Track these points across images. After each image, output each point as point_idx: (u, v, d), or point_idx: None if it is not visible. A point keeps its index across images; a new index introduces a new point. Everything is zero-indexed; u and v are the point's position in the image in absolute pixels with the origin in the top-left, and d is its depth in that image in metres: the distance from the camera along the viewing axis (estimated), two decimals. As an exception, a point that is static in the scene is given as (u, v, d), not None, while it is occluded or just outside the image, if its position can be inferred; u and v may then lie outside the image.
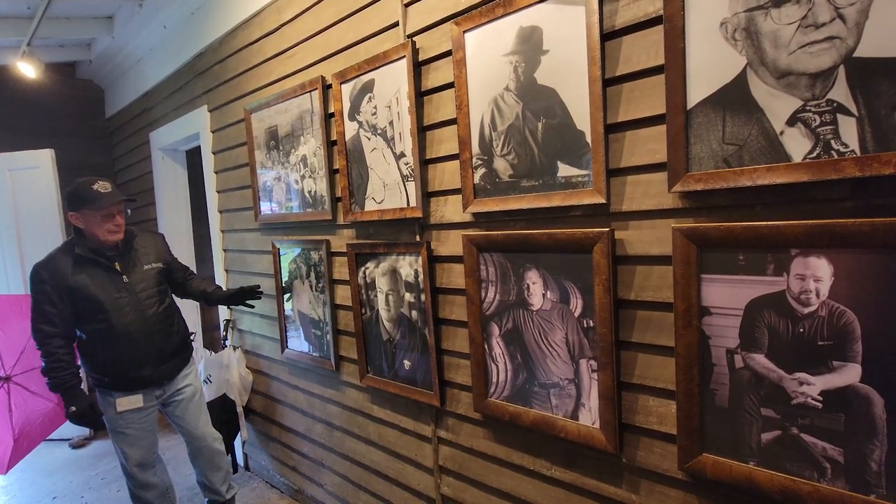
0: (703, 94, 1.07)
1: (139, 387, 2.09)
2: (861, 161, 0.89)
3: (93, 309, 1.97)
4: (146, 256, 2.16)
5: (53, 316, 1.94)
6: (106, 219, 1.97)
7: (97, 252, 2.00)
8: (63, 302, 1.94)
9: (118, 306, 2.01)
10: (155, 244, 2.25)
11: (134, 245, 2.14)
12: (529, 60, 1.36)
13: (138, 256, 2.13)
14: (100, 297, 1.97)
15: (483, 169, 1.50)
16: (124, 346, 2.02)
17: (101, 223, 1.97)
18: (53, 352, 1.95)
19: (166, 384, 2.18)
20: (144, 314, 2.07)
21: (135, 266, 2.10)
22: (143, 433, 2.14)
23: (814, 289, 0.97)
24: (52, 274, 1.94)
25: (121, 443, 2.11)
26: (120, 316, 2.01)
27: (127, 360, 2.04)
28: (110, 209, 1.97)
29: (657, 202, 1.17)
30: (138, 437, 2.12)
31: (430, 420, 1.83)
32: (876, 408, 0.92)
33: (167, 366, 2.16)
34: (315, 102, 2.08)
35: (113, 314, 1.99)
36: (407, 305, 1.83)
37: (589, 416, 1.34)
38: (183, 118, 3.15)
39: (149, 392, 2.13)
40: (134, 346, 2.04)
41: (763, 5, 0.98)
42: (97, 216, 1.95)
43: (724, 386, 1.10)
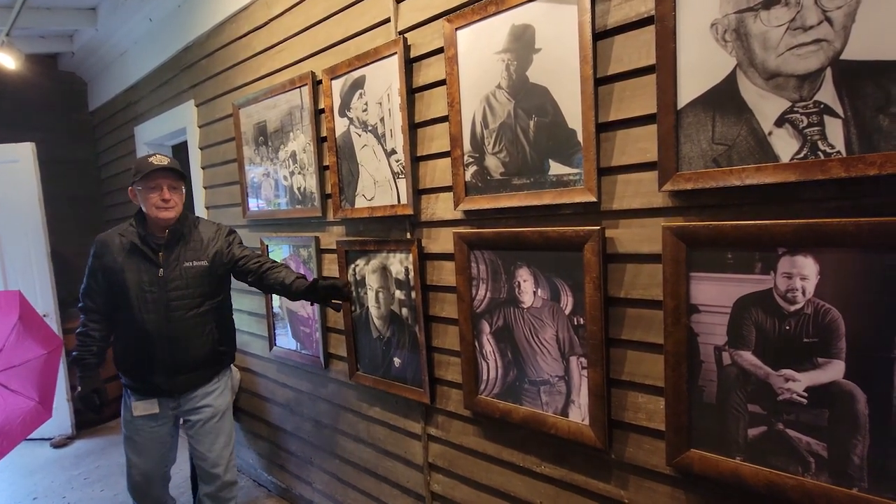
0: (693, 95, 1.08)
1: (151, 393, 1.92)
2: (847, 162, 0.91)
3: (121, 297, 1.86)
4: (194, 252, 1.92)
5: (94, 292, 1.89)
6: (153, 192, 1.82)
7: (143, 238, 1.86)
8: (103, 280, 1.87)
9: (144, 300, 1.85)
10: (214, 238, 1.99)
11: (187, 237, 1.93)
12: (521, 59, 1.36)
13: (186, 250, 1.91)
14: (129, 285, 1.84)
15: (474, 167, 1.50)
16: (140, 345, 1.87)
17: (149, 197, 1.82)
18: (86, 324, 1.90)
19: (181, 398, 1.97)
20: (169, 315, 1.87)
21: (177, 260, 1.89)
22: (153, 444, 1.96)
23: (800, 287, 0.99)
24: (101, 249, 1.88)
25: (128, 448, 1.97)
26: (142, 311, 1.85)
27: (141, 360, 1.89)
28: (158, 181, 1.82)
29: (647, 201, 1.18)
30: (146, 446, 1.96)
31: (420, 417, 1.83)
32: (859, 404, 0.94)
33: (183, 378, 1.93)
34: (305, 98, 2.06)
35: (137, 307, 1.85)
36: (397, 303, 1.82)
37: (579, 413, 1.35)
38: (169, 113, 3.10)
39: (163, 402, 1.95)
40: (150, 347, 1.86)
41: (753, 7, 1.00)
42: (146, 188, 1.82)
43: (712, 383, 1.12)
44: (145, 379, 1.90)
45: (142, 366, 1.89)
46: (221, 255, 1.97)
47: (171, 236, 1.89)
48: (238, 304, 2.75)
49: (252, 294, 2.62)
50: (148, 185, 1.82)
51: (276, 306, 2.47)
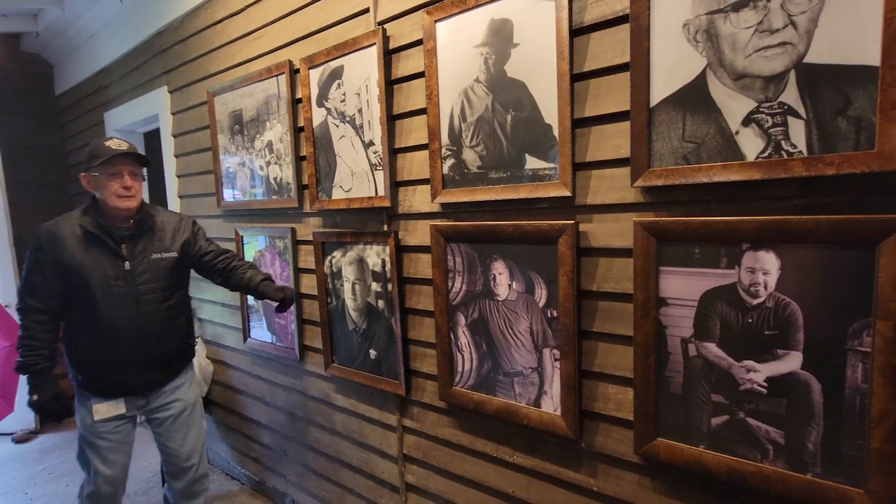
0: (665, 93, 1.11)
1: (119, 393, 1.80)
2: (807, 161, 0.95)
3: (82, 292, 1.70)
4: (161, 243, 1.83)
5: (40, 289, 1.69)
6: (113, 179, 1.69)
7: (104, 230, 1.72)
8: (55, 276, 1.69)
9: (110, 295, 1.72)
10: (179, 228, 1.90)
11: (151, 227, 1.82)
12: (500, 53, 1.37)
13: (152, 241, 1.81)
14: (92, 280, 1.69)
15: (452, 159, 1.50)
16: (108, 343, 1.74)
17: (108, 184, 1.69)
18: (30, 326, 1.69)
19: (151, 395, 1.87)
20: (140, 310, 1.77)
21: (144, 252, 1.78)
22: (120, 445, 1.84)
23: (762, 281, 1.02)
24: (50, 242, 1.69)
25: (93, 456, 1.80)
26: (110, 307, 1.72)
27: (109, 359, 1.75)
28: (118, 167, 1.69)
29: (620, 196, 1.21)
30: (113, 450, 1.82)
31: (396, 409, 1.84)
32: (814, 393, 0.99)
33: (156, 374, 1.85)
34: (282, 87, 2.03)
35: (102, 303, 1.71)
36: (374, 295, 1.82)
37: (551, 404, 1.38)
38: (141, 99, 3.01)
39: (130, 401, 1.83)
40: (119, 344, 1.74)
41: (723, 9, 1.02)
42: (104, 175, 1.69)
43: (679, 373, 1.15)
44: (113, 378, 1.78)
45: (110, 365, 1.76)
46: (189, 246, 1.90)
47: (136, 227, 1.78)
48: (211, 296, 2.71)
49: (226, 285, 2.58)
50: (107, 171, 1.69)
51: (250, 298, 2.43)
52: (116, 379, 1.79)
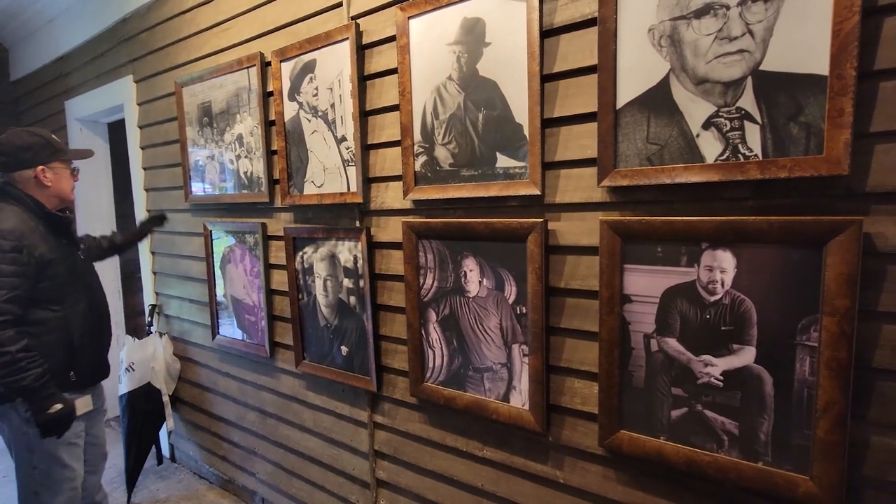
0: (631, 95, 1.14)
1: (100, 378, 1.87)
2: (762, 165, 0.99)
3: (66, 286, 1.70)
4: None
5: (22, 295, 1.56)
6: (73, 175, 1.80)
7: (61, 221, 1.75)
8: (33, 278, 1.59)
9: (86, 283, 1.80)
10: None
11: None
12: (472, 52, 1.38)
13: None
14: (70, 272, 1.73)
15: (424, 157, 1.51)
16: (100, 329, 1.84)
17: (69, 178, 1.78)
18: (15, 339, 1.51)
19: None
20: (101, 293, 1.89)
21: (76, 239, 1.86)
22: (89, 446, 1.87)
23: (720, 279, 1.07)
24: (25, 241, 1.58)
25: (69, 458, 1.73)
26: (91, 294, 1.81)
27: (101, 343, 1.86)
28: (72, 162, 1.81)
29: (587, 195, 1.24)
30: (84, 450, 1.82)
31: (367, 405, 1.84)
32: (766, 385, 1.04)
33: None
34: (253, 79, 2.00)
35: (84, 291, 1.78)
36: (345, 291, 1.81)
37: (519, 399, 1.40)
38: (105, 87, 2.91)
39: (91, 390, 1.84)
40: (101, 332, 1.85)
41: (686, 16, 1.06)
42: (67, 169, 1.77)
43: (641, 368, 1.19)
44: (96, 369, 1.84)
45: (96, 355, 1.83)
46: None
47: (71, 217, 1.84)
48: (178, 292, 2.65)
49: (194, 281, 2.53)
50: (68, 165, 1.78)
51: (219, 294, 2.39)
52: (97, 369, 1.85)
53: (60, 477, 1.72)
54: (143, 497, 2.61)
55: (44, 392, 1.56)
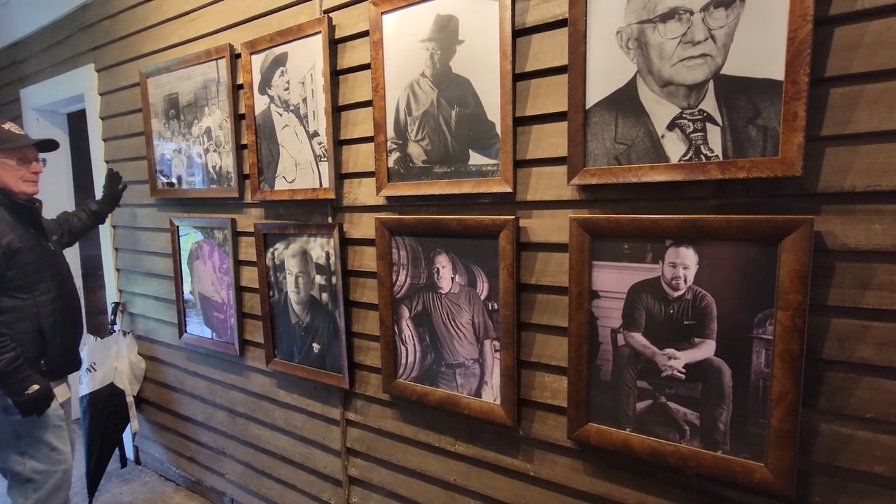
0: (600, 96, 1.17)
1: (72, 370, 1.89)
2: (723, 165, 1.03)
3: (37, 274, 1.73)
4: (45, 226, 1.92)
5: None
6: (22, 164, 1.73)
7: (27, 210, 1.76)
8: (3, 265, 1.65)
9: (58, 271, 1.82)
10: None
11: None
12: (445, 49, 1.38)
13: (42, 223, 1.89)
14: (41, 260, 1.75)
15: (397, 153, 1.51)
16: (71, 318, 1.85)
17: (17, 169, 1.72)
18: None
19: None
20: (71, 282, 1.90)
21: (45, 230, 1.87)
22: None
23: (682, 275, 1.11)
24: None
25: (59, 442, 1.81)
26: (62, 283, 1.82)
27: (73, 334, 1.87)
28: (25, 152, 1.74)
29: (558, 193, 1.26)
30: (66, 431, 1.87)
31: (339, 403, 1.83)
32: (725, 377, 1.08)
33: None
34: (222, 72, 1.95)
35: (56, 279, 1.79)
36: (317, 288, 1.80)
37: (491, 394, 1.42)
38: (64, 76, 2.79)
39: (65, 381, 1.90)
40: (74, 319, 1.87)
41: (652, 19, 1.09)
42: (11, 160, 1.70)
43: (608, 362, 1.22)
44: (67, 360, 1.85)
45: (66, 345, 1.83)
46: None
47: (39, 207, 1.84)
48: (143, 289, 2.58)
49: (160, 278, 2.46)
50: (18, 156, 1.72)
51: (187, 292, 2.33)
52: (72, 357, 1.88)
53: (51, 460, 1.78)
54: (105, 501, 2.53)
55: (19, 375, 1.63)
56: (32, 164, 1.76)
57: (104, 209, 2.26)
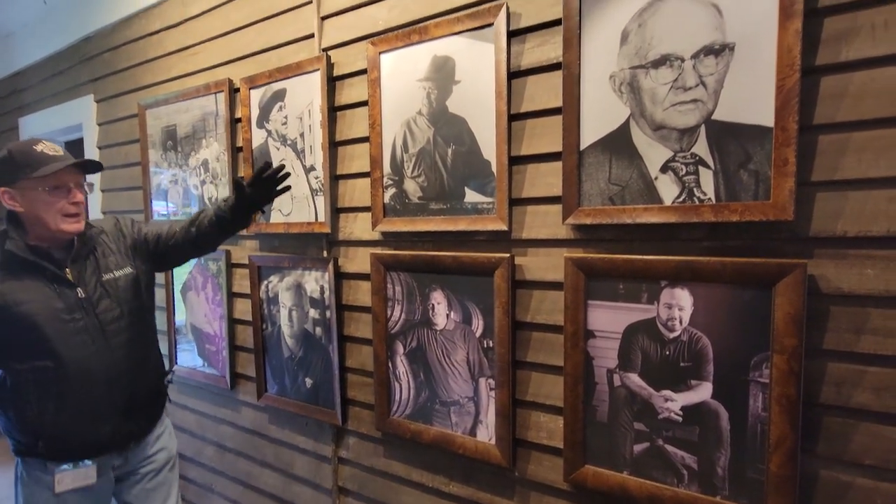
0: (594, 138, 1.19)
1: (93, 453, 1.40)
2: (716, 208, 1.04)
3: (29, 338, 1.30)
4: (109, 258, 1.45)
5: None
6: (57, 193, 1.31)
7: (39, 252, 1.33)
8: None
9: (69, 333, 1.33)
10: (117, 232, 1.52)
11: (92, 241, 1.44)
12: (442, 88, 1.41)
13: (100, 259, 1.43)
14: (38, 318, 1.29)
15: (393, 189, 1.52)
16: (78, 394, 1.35)
17: (52, 201, 1.30)
18: None
19: (132, 448, 1.49)
20: (109, 344, 1.40)
21: (95, 273, 1.41)
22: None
23: (678, 316, 1.10)
24: None
25: None
26: (72, 348, 1.33)
27: (79, 414, 1.36)
28: (62, 177, 1.31)
29: (553, 232, 1.27)
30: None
31: (331, 440, 1.79)
32: (722, 420, 1.07)
33: (137, 421, 1.48)
34: (221, 105, 1.97)
35: (60, 344, 1.32)
36: (311, 322, 1.78)
37: (486, 433, 1.40)
38: (63, 106, 2.82)
39: (105, 462, 1.44)
40: (91, 392, 1.36)
41: (644, 65, 1.12)
42: (43, 189, 1.29)
43: (605, 402, 1.21)
44: (88, 436, 1.39)
45: (80, 421, 1.37)
46: (139, 248, 1.52)
47: (81, 245, 1.40)
48: (135, 319, 2.53)
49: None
50: (49, 184, 1.30)
51: (179, 321, 2.30)
52: (92, 437, 1.39)
53: None
54: (86, 540, 2.43)
55: None
56: (72, 193, 1.34)
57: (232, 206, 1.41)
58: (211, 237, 1.48)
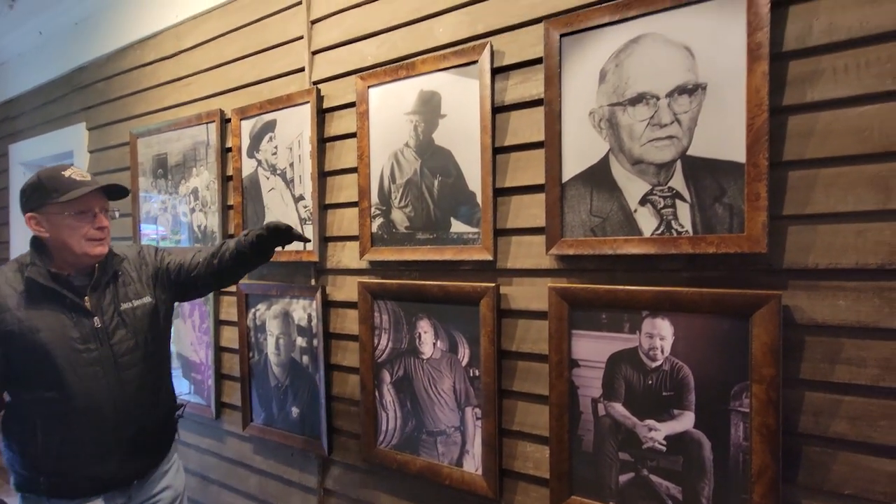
0: (575, 171, 1.22)
1: (98, 490, 1.34)
2: (693, 240, 1.07)
3: (40, 367, 1.26)
4: (129, 288, 1.42)
5: None
6: (82, 218, 1.30)
7: (60, 280, 1.30)
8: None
9: (80, 363, 1.29)
10: (141, 262, 1.48)
11: (114, 268, 1.41)
12: (428, 122, 1.45)
13: (120, 287, 1.41)
14: (52, 347, 1.26)
15: (381, 218, 1.54)
16: (84, 428, 1.30)
17: (77, 225, 1.29)
18: None
19: (136, 486, 1.42)
20: (121, 376, 1.35)
21: (113, 304, 1.38)
22: None
23: (659, 346, 1.12)
24: None
25: None
26: (82, 380, 1.29)
27: (84, 449, 1.31)
28: (88, 202, 1.31)
29: (537, 262, 1.29)
30: None
31: (317, 470, 1.76)
32: (705, 450, 1.08)
33: (143, 458, 1.42)
34: (212, 135, 2.00)
35: (70, 375, 1.27)
36: (298, 350, 1.77)
37: (472, 463, 1.39)
38: (55, 133, 2.83)
39: (110, 498, 1.37)
40: (98, 427, 1.31)
41: (622, 102, 1.16)
42: (69, 214, 1.28)
43: (590, 432, 1.21)
44: (92, 471, 1.33)
45: (85, 456, 1.32)
46: (161, 277, 1.49)
47: (101, 272, 1.37)
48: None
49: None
50: (74, 209, 1.29)
51: (164, 350, 2.27)
52: (96, 471, 1.33)
53: None
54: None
55: None
56: (98, 218, 1.33)
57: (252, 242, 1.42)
58: (232, 270, 1.47)
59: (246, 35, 1.91)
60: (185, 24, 2.12)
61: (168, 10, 2.18)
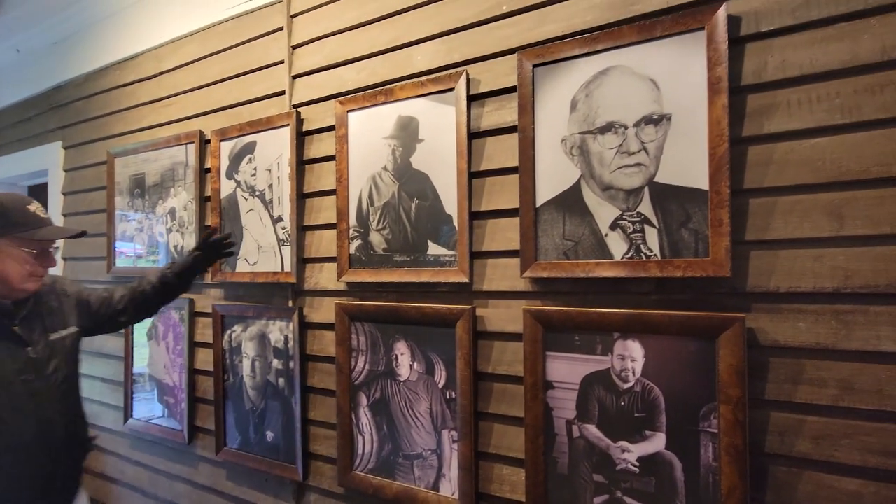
0: (548, 196, 1.25)
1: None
2: (661, 264, 1.11)
3: None
4: (59, 316, 1.42)
5: None
6: (36, 258, 1.29)
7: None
8: None
9: (17, 395, 1.25)
10: (59, 292, 1.47)
11: (42, 298, 1.40)
12: (406, 146, 1.47)
13: (48, 317, 1.39)
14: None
15: (359, 240, 1.55)
16: (14, 465, 1.24)
17: (29, 261, 1.27)
18: None
19: None
20: (57, 408, 1.34)
21: (43, 333, 1.36)
22: None
23: (630, 367, 1.14)
24: None
25: None
26: (17, 414, 1.25)
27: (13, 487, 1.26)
28: (47, 242, 1.32)
29: (512, 284, 1.31)
30: None
31: (292, 497, 1.72)
32: (677, 471, 1.09)
33: (68, 490, 1.40)
34: (191, 156, 2.00)
35: (6, 407, 1.24)
36: (274, 372, 1.75)
37: (449, 487, 1.38)
38: (29, 151, 2.79)
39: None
40: (31, 462, 1.27)
41: (591, 131, 1.20)
42: (26, 250, 1.27)
43: (564, 454, 1.22)
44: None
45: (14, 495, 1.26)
46: (83, 308, 1.50)
47: (34, 302, 1.37)
48: (89, 370, 2.44)
49: (109, 358, 2.34)
50: (38, 247, 1.30)
51: (137, 370, 2.22)
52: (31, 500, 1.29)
53: None
54: None
55: None
56: (49, 257, 1.34)
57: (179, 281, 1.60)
58: (153, 302, 1.60)
59: (227, 58, 1.93)
60: (167, 46, 2.13)
61: (149, 33, 2.19)
